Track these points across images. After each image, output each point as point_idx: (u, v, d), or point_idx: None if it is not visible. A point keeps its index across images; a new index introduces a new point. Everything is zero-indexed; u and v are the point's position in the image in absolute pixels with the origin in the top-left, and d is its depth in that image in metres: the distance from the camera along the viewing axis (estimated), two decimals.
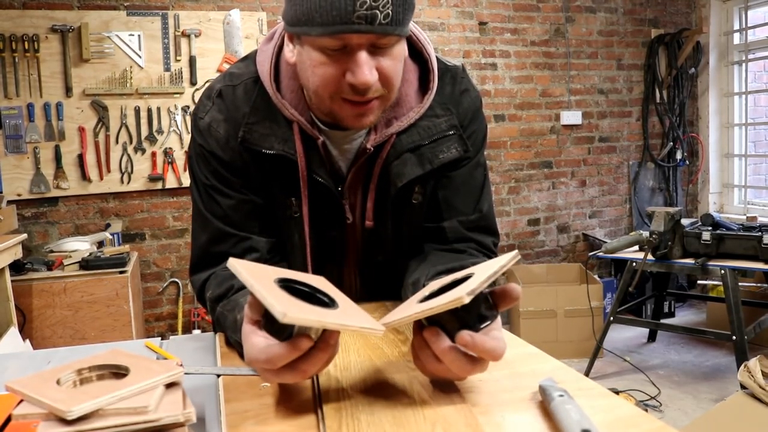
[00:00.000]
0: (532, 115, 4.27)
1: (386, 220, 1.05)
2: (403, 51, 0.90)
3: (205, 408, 0.74)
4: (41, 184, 3.25)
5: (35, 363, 0.94)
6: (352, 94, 0.86)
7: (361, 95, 0.86)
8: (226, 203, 1.00)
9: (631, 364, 3.44)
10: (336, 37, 0.81)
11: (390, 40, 0.84)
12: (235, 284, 0.93)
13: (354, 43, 0.82)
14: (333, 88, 0.86)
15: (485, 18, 4.09)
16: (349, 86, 0.85)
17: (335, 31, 0.80)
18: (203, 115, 1.00)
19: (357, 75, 0.83)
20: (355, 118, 0.90)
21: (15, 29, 3.15)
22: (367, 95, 0.86)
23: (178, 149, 3.44)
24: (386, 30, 0.81)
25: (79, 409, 0.56)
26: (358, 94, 0.86)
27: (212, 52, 3.48)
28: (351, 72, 0.83)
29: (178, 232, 3.55)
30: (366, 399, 0.73)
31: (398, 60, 0.88)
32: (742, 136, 4.54)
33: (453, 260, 0.99)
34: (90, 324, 2.87)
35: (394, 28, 0.82)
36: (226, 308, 0.91)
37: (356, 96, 0.86)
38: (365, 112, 0.89)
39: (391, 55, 0.86)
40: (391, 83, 0.88)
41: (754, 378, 1.88)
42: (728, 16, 4.48)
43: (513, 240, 4.28)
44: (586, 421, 0.61)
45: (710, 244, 2.92)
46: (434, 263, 0.99)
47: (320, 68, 0.85)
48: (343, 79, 0.85)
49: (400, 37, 0.86)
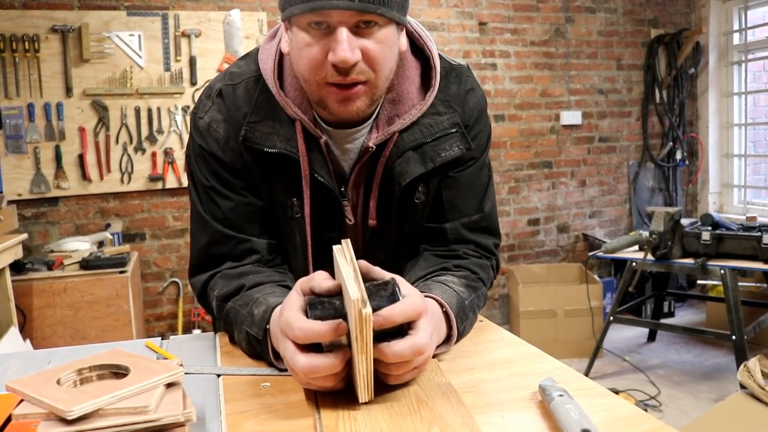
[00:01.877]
0: (532, 115, 4.27)
1: (389, 219, 1.04)
2: (392, 37, 0.89)
3: (205, 408, 0.74)
4: (41, 184, 3.25)
5: (35, 363, 0.94)
6: (335, 76, 0.85)
7: (344, 75, 0.85)
8: (225, 205, 0.99)
9: (631, 364, 3.45)
10: (317, 13, 0.81)
11: (374, 19, 0.84)
12: (246, 283, 0.93)
13: (335, 20, 0.82)
14: (318, 70, 0.86)
15: (485, 18, 4.09)
16: (332, 67, 0.85)
17: (315, 7, 0.81)
18: (203, 115, 1.00)
19: (336, 52, 0.82)
20: (340, 103, 0.89)
21: (15, 29, 3.15)
22: (351, 75, 0.85)
23: (179, 149, 3.44)
24: (367, 7, 0.81)
25: (79, 408, 0.56)
26: (341, 75, 0.85)
27: (212, 52, 3.48)
28: (332, 51, 0.83)
29: (178, 232, 3.55)
30: None
31: (385, 45, 0.87)
32: (742, 136, 4.54)
33: (434, 264, 1.01)
34: (90, 324, 2.87)
35: (377, 7, 0.82)
36: (238, 303, 0.91)
37: (339, 77, 0.85)
38: (350, 96, 0.88)
39: (377, 38, 0.86)
40: (377, 66, 0.87)
41: (753, 378, 1.88)
42: (728, 17, 4.48)
43: (513, 240, 4.28)
44: (586, 421, 0.61)
45: (710, 244, 2.92)
46: (420, 267, 1.01)
47: (305, 50, 0.86)
48: (327, 61, 0.85)
49: (387, 20, 0.86)
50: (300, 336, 0.70)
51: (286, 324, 0.72)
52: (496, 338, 0.95)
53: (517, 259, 4.29)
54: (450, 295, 0.89)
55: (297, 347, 0.71)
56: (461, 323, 0.89)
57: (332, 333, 0.68)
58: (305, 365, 0.69)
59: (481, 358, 0.86)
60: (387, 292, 0.72)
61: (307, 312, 0.71)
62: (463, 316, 0.90)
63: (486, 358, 0.86)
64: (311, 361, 0.69)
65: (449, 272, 0.98)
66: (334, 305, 0.71)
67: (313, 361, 0.69)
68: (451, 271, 0.99)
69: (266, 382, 0.80)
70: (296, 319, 0.71)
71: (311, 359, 0.69)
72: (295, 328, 0.70)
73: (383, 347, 0.70)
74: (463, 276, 0.98)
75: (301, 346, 0.71)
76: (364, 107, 0.91)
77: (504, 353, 0.88)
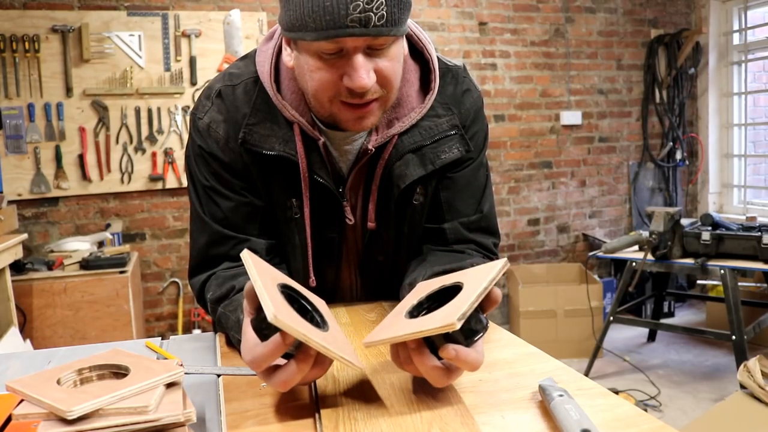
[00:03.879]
0: (532, 115, 4.27)
1: (388, 221, 1.04)
2: (400, 50, 0.89)
3: (205, 408, 0.74)
4: (42, 184, 3.25)
5: (36, 363, 0.94)
6: (350, 98, 0.86)
7: (360, 98, 0.86)
8: (225, 205, 0.99)
9: (631, 364, 3.45)
10: (331, 41, 0.81)
11: (386, 41, 0.84)
12: (236, 285, 0.93)
13: (349, 46, 0.82)
14: (331, 92, 0.86)
15: (485, 18, 4.09)
16: (347, 90, 0.85)
17: (329, 36, 0.80)
18: (202, 116, 1.00)
19: (354, 79, 0.83)
20: (355, 122, 0.90)
21: (15, 29, 3.15)
22: (366, 97, 0.86)
23: (179, 149, 3.44)
24: (381, 32, 0.81)
25: (79, 408, 0.56)
26: (356, 97, 0.86)
27: (212, 53, 3.48)
28: (348, 76, 0.83)
29: (178, 232, 3.55)
30: (363, 398, 0.73)
31: (396, 60, 0.88)
32: (742, 136, 4.54)
33: (451, 261, 0.98)
34: (90, 324, 2.87)
35: (390, 29, 0.82)
36: (228, 308, 0.91)
37: (355, 99, 0.86)
38: (365, 114, 0.89)
39: (388, 56, 0.86)
40: (389, 84, 0.88)
41: (753, 378, 1.88)
42: (728, 17, 4.48)
43: (513, 240, 4.28)
44: (586, 421, 0.61)
45: (710, 244, 2.92)
46: (432, 264, 0.99)
47: (317, 73, 0.85)
48: (341, 82, 0.85)
49: (397, 37, 0.86)
50: (257, 370, 0.69)
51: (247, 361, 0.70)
52: (496, 338, 0.95)
53: (517, 259, 4.29)
54: None
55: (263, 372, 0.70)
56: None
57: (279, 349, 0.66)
58: (278, 383, 0.69)
59: None
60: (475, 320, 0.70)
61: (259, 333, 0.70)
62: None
63: (486, 358, 0.85)
64: (280, 377, 0.68)
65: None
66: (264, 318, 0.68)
67: (281, 376, 0.68)
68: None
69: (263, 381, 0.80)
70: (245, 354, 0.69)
71: (279, 376, 0.68)
72: (250, 366, 0.69)
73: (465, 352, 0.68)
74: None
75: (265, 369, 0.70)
76: (377, 121, 0.92)
77: (504, 353, 0.88)
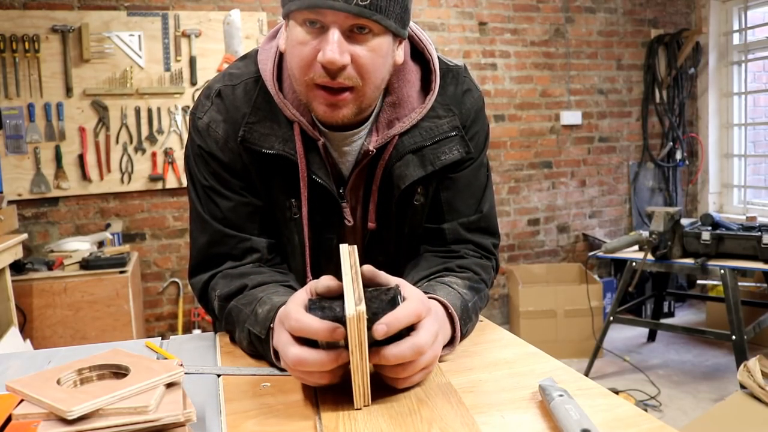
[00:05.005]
0: (532, 115, 4.27)
1: (388, 222, 1.04)
2: (387, 48, 0.88)
3: (205, 408, 0.74)
4: (42, 184, 3.25)
5: (36, 363, 0.94)
6: (323, 77, 0.85)
7: (332, 78, 0.85)
8: (225, 205, 0.99)
9: (631, 364, 3.45)
10: (312, 11, 0.82)
11: (369, 26, 0.84)
12: (248, 283, 0.94)
13: (329, 20, 0.82)
14: (307, 70, 0.86)
15: (485, 18, 4.09)
16: (321, 68, 0.85)
17: (311, 5, 0.81)
18: (202, 115, 1.00)
19: (325, 52, 0.83)
20: (327, 108, 0.89)
21: (15, 29, 3.15)
22: (338, 79, 0.85)
23: (179, 149, 3.44)
24: (362, 12, 0.81)
25: (79, 408, 0.56)
26: (328, 77, 0.85)
27: (212, 53, 3.48)
28: (322, 51, 0.83)
29: (178, 232, 3.55)
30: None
31: (377, 54, 0.87)
32: (742, 136, 4.54)
33: (437, 264, 1.00)
34: (90, 324, 2.87)
35: (372, 14, 0.82)
36: (241, 302, 0.91)
37: (327, 79, 0.85)
38: (337, 102, 0.88)
39: (370, 46, 0.85)
40: (366, 74, 0.87)
41: (753, 378, 1.88)
42: (727, 17, 4.48)
43: (513, 240, 4.28)
44: (586, 421, 0.61)
45: (710, 244, 2.92)
46: (422, 268, 1.00)
47: (298, 48, 0.86)
48: (317, 61, 0.85)
49: (383, 29, 0.85)
50: (295, 327, 0.71)
51: (284, 314, 0.74)
52: (496, 338, 0.95)
53: (517, 259, 4.29)
54: (454, 297, 0.89)
55: (291, 338, 0.72)
56: (464, 325, 0.89)
57: (327, 333, 0.69)
58: (294, 356, 0.70)
59: (481, 358, 0.86)
60: (387, 297, 0.72)
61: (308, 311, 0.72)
62: (466, 318, 0.90)
63: (486, 358, 0.86)
64: (301, 352, 0.70)
65: (452, 273, 0.98)
66: (335, 310, 0.71)
67: (303, 353, 0.70)
68: (455, 272, 0.99)
69: (266, 382, 0.81)
70: (295, 311, 0.72)
71: (302, 351, 0.70)
72: (291, 319, 0.71)
73: (384, 350, 0.70)
74: (466, 277, 0.97)
75: (295, 338, 0.72)
76: (350, 115, 0.90)
77: (504, 353, 0.88)
